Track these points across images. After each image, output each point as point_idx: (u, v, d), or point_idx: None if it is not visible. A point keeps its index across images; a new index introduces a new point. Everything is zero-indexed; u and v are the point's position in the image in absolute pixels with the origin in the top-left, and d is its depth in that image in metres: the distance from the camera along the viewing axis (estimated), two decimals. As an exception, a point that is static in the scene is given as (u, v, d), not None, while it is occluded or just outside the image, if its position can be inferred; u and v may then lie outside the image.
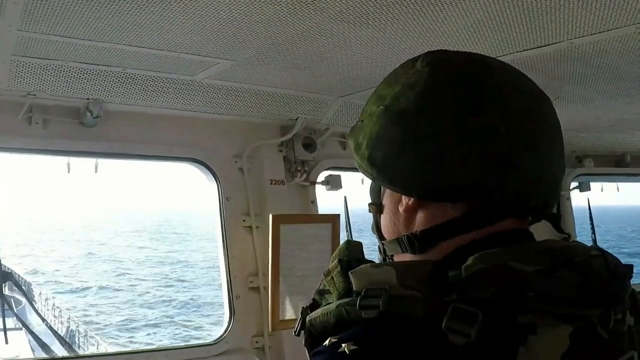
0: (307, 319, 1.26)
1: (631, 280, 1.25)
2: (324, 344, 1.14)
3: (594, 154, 5.96)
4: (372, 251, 1.49)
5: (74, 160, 3.94)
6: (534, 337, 1.04)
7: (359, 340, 1.10)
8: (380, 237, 1.42)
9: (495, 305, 1.06)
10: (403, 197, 1.29)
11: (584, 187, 5.92)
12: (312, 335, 1.25)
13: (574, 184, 5.86)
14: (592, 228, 6.36)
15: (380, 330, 1.11)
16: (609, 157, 6.14)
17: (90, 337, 26.35)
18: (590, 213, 6.32)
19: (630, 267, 1.24)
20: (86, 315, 39.64)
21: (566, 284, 1.10)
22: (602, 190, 6.28)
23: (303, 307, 1.32)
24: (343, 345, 1.10)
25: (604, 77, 3.45)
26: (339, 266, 1.31)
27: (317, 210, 4.60)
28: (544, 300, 1.07)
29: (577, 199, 6.00)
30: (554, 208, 1.32)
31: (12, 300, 30.08)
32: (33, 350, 22.85)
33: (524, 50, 2.88)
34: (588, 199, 6.20)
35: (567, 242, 1.24)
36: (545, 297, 1.07)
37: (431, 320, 1.06)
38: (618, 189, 6.49)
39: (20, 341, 23.59)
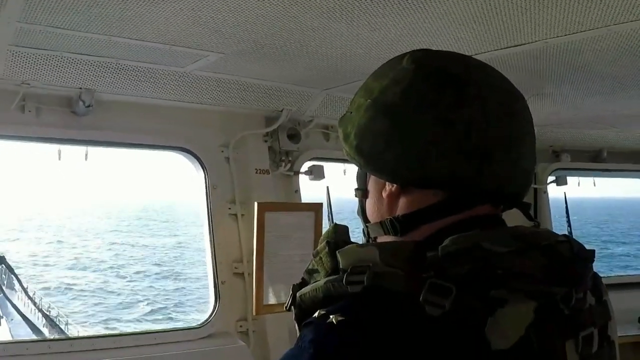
0: (298, 294, 1.35)
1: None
2: (314, 315, 1.24)
3: (571, 149, 6.06)
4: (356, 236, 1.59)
5: (65, 148, 4.02)
6: (501, 310, 1.15)
7: (345, 312, 1.19)
8: (365, 220, 1.52)
9: (468, 281, 1.17)
10: (387, 183, 1.40)
11: (560, 181, 6.01)
12: (302, 309, 1.34)
13: (551, 178, 5.95)
14: (568, 220, 6.47)
15: (365, 303, 1.21)
16: (586, 152, 6.24)
17: (70, 324, 26.23)
18: (566, 206, 6.42)
19: (592, 252, 1.36)
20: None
21: (534, 264, 1.21)
22: (579, 184, 6.37)
23: (294, 285, 1.41)
24: (331, 316, 1.19)
25: (580, 76, 3.54)
26: (327, 247, 1.39)
27: (300, 199, 4.70)
28: (513, 278, 1.18)
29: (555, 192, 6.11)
30: (525, 197, 1.43)
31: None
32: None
33: (501, 49, 2.97)
34: (565, 193, 6.32)
35: (536, 228, 1.34)
36: (514, 275, 1.19)
37: (410, 294, 1.16)
38: (595, 184, 6.59)
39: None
